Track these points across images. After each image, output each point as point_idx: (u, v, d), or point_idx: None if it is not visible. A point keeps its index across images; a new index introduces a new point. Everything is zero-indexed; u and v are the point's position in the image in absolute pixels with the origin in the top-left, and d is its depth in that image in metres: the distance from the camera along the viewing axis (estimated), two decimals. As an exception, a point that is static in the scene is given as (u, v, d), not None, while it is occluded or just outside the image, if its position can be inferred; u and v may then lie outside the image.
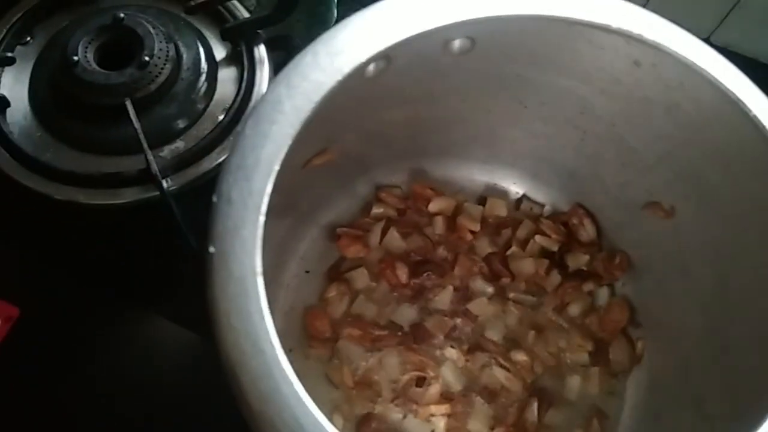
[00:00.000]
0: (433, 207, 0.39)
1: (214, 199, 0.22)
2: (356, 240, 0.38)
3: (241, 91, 0.43)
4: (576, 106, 0.32)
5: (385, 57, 0.26)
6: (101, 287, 0.41)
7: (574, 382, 0.36)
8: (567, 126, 0.34)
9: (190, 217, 0.42)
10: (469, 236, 0.39)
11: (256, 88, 0.44)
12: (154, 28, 0.43)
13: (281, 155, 0.22)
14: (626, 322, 0.37)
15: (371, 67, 0.26)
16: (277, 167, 0.22)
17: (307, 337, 0.36)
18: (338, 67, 0.24)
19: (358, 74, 0.25)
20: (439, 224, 0.39)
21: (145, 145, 0.39)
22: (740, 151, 0.27)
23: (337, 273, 0.38)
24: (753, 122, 0.25)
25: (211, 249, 0.21)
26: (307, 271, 0.38)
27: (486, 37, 0.28)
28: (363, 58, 0.24)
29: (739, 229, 0.29)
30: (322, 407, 0.30)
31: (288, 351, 0.31)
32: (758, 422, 0.22)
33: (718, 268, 0.31)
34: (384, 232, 0.39)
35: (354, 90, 0.26)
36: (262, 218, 0.21)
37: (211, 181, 0.41)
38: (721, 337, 0.31)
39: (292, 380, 0.19)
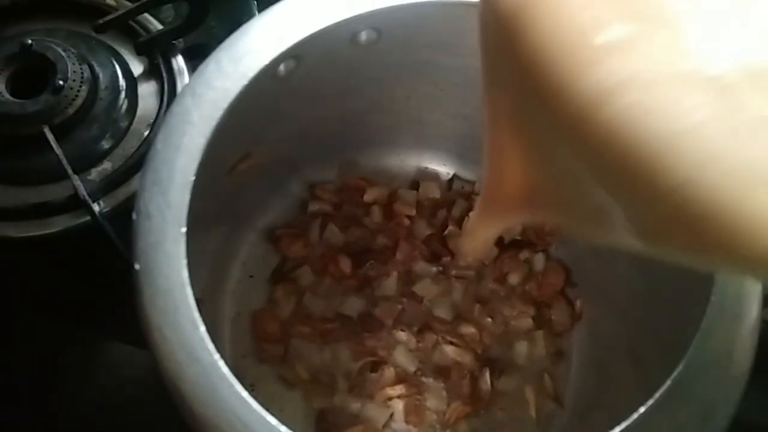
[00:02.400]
0: (368, 197, 0.40)
1: (134, 216, 0.22)
2: (296, 239, 0.39)
3: (164, 104, 0.43)
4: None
5: (294, 56, 0.27)
6: (50, 316, 0.41)
7: (521, 347, 0.37)
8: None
9: (125, 237, 0.42)
10: (407, 221, 0.40)
11: (178, 100, 0.44)
12: (65, 50, 0.42)
13: (195, 165, 0.22)
14: (563, 284, 0.38)
15: (281, 68, 0.27)
16: (192, 178, 0.22)
17: (257, 340, 0.36)
18: (243, 72, 0.24)
19: (266, 76, 0.25)
20: (376, 213, 0.40)
21: (70, 171, 0.39)
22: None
23: (281, 274, 0.39)
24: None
25: (137, 266, 0.21)
26: (251, 276, 0.39)
27: (390, 26, 0.29)
28: (267, 60, 0.25)
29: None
30: (280, 409, 0.31)
31: (241, 357, 0.32)
32: (678, 360, 0.23)
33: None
34: (323, 228, 0.39)
35: (267, 92, 0.26)
36: (183, 230, 0.21)
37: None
38: (651, 289, 0.32)
39: (232, 382, 0.20)
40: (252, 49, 0.25)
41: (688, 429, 0.21)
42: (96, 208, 0.39)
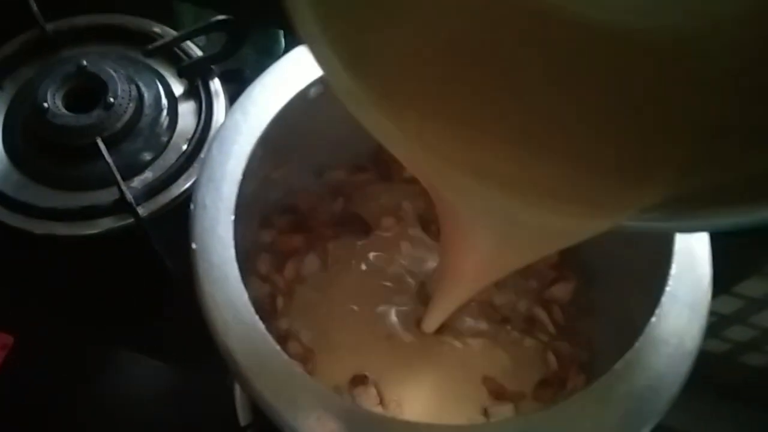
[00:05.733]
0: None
1: (191, 207, 0.28)
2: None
3: (201, 122, 0.50)
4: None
5: (321, 83, 0.33)
6: (86, 312, 0.46)
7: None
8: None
9: (163, 241, 0.48)
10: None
11: (214, 118, 0.50)
12: (115, 71, 0.49)
13: (242, 167, 0.28)
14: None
15: (312, 91, 0.33)
16: (240, 177, 0.28)
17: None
18: (282, 94, 0.30)
19: (300, 98, 0.32)
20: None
21: (119, 177, 0.45)
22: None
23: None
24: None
25: (194, 246, 0.27)
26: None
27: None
28: (301, 86, 0.31)
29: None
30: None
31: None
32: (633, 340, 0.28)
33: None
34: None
35: (300, 111, 0.33)
36: (232, 217, 0.27)
37: (180, 206, 0.48)
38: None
39: (269, 339, 0.25)
40: (289, 76, 0.31)
41: (643, 394, 0.26)
42: (140, 211, 0.46)
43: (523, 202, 0.18)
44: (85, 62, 0.49)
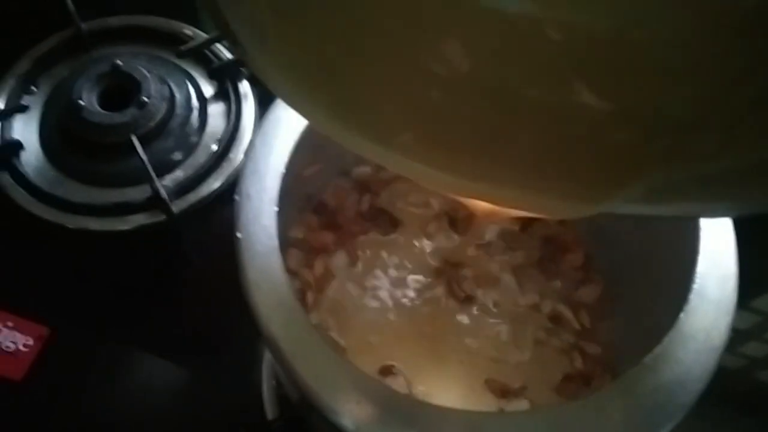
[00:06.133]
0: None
1: (236, 197, 0.29)
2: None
3: (230, 124, 0.51)
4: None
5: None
6: (116, 304, 0.48)
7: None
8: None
9: (190, 238, 0.50)
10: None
11: (243, 120, 0.52)
12: (149, 72, 0.51)
13: (285, 161, 0.30)
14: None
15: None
16: (283, 170, 0.29)
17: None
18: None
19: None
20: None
21: (153, 175, 0.46)
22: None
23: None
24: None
25: (239, 235, 0.28)
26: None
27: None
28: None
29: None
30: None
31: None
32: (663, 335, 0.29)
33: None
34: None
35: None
36: (275, 208, 0.29)
37: (209, 205, 0.49)
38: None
39: (310, 326, 0.27)
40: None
41: (671, 388, 0.27)
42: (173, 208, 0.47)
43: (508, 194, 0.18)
44: (119, 62, 0.51)
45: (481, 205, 0.25)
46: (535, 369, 0.38)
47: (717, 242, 0.30)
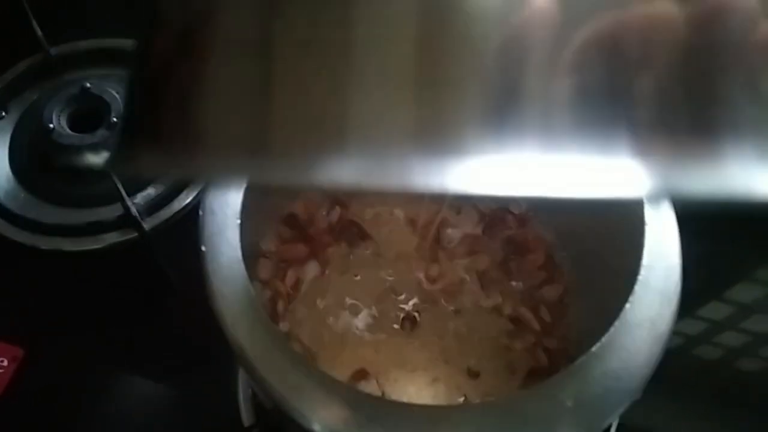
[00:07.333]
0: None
1: (200, 213, 0.31)
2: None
3: (200, 140, 0.52)
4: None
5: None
6: (91, 323, 0.49)
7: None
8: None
9: (164, 253, 0.51)
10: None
11: (212, 136, 0.53)
12: (117, 93, 0.52)
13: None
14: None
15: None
16: (245, 185, 0.31)
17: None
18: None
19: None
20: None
21: (124, 193, 0.48)
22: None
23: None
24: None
25: (203, 248, 0.30)
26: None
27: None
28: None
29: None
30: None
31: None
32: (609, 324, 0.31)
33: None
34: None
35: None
36: (238, 221, 0.30)
37: (181, 221, 0.51)
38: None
39: (275, 331, 0.28)
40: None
41: (619, 374, 0.29)
42: (144, 226, 0.48)
43: None
44: (88, 84, 0.52)
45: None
46: (501, 367, 0.39)
47: (662, 236, 0.32)
